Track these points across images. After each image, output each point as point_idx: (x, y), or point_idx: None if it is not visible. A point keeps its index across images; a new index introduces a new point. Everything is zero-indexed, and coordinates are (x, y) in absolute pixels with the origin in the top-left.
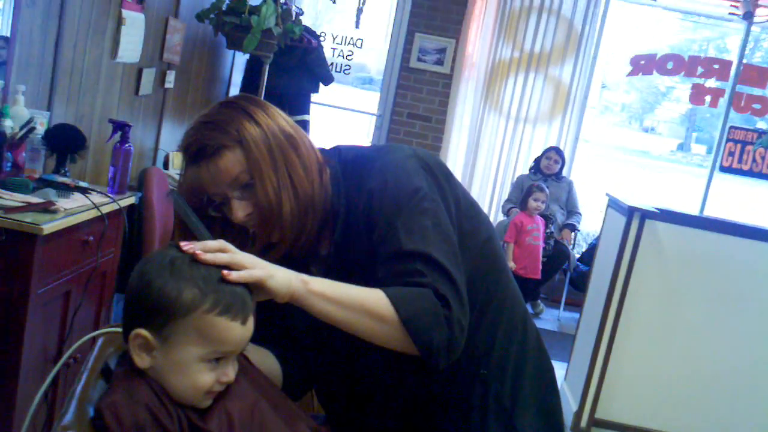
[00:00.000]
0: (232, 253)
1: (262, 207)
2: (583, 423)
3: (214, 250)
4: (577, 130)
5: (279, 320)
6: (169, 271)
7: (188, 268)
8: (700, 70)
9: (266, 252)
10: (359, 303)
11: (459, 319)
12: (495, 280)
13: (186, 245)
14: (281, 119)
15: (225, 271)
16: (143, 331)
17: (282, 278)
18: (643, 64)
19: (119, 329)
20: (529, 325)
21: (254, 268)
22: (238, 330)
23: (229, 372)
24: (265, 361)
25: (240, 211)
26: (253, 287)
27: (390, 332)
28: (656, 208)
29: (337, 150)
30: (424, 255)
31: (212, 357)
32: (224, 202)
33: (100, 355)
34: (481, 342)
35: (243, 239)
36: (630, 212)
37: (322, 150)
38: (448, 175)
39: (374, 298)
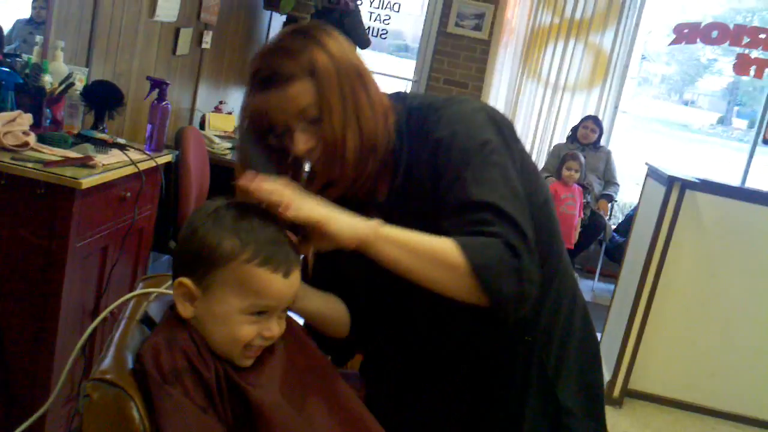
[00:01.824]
0: (293, 192)
1: (326, 142)
2: (616, 393)
3: (271, 188)
4: (616, 100)
5: (338, 276)
6: (212, 220)
7: (231, 218)
8: (745, 39)
9: (324, 190)
10: (429, 250)
11: (529, 270)
12: (549, 244)
13: (246, 178)
14: (353, 54)
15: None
16: (186, 280)
17: (347, 222)
18: (686, 33)
19: (164, 274)
20: (578, 297)
21: (315, 209)
22: (280, 283)
23: (273, 327)
24: (335, 306)
25: (302, 143)
26: (317, 234)
27: (459, 281)
28: (697, 179)
29: (402, 96)
30: (493, 206)
31: (253, 310)
32: (286, 132)
33: (138, 304)
34: (533, 308)
35: (297, 174)
36: (670, 182)
37: (394, 95)
38: (514, 133)
39: (444, 246)
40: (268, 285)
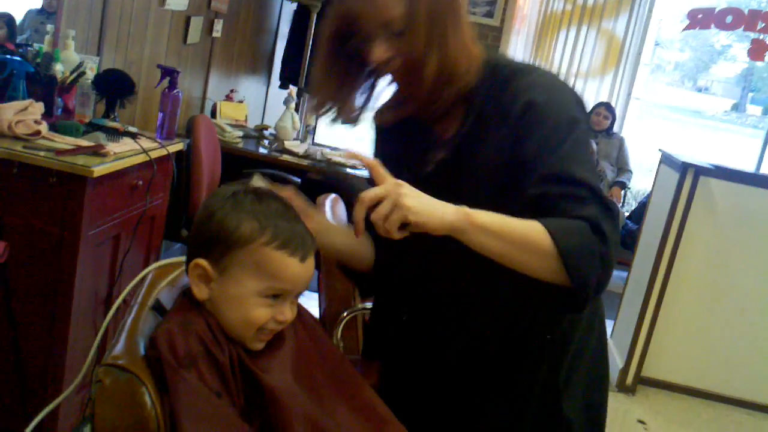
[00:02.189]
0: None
1: (405, 59)
2: (629, 380)
3: (362, 212)
4: (629, 87)
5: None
6: (230, 204)
7: (250, 202)
8: (760, 24)
9: (397, 107)
10: (520, 236)
11: (612, 257)
12: None
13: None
14: None
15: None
16: (202, 261)
17: (433, 212)
18: (700, 18)
19: (174, 260)
20: (600, 314)
21: (407, 209)
22: (296, 267)
23: (286, 312)
24: (360, 243)
25: (381, 52)
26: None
27: (546, 264)
28: (711, 165)
29: (493, 50)
30: (589, 184)
31: (269, 293)
32: (368, 38)
33: (150, 290)
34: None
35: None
36: (684, 168)
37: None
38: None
39: (534, 230)
40: (284, 268)
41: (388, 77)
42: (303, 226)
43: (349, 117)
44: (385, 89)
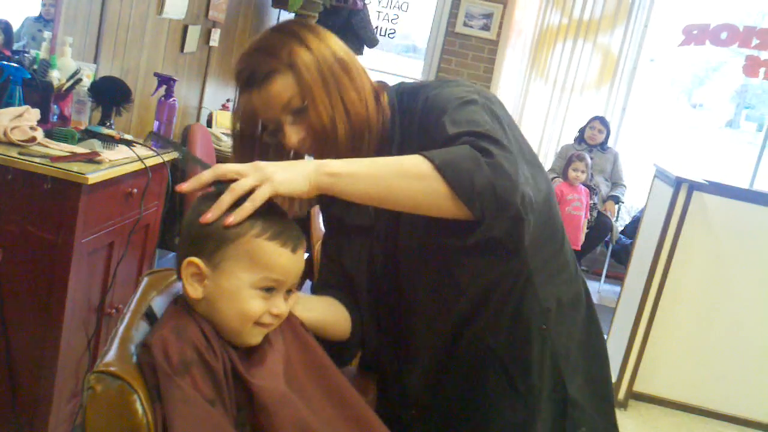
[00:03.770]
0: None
1: (315, 130)
2: (621, 395)
3: (210, 177)
4: (624, 101)
5: (342, 277)
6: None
7: (237, 200)
8: (755, 41)
9: None
10: (391, 167)
11: (503, 164)
12: (552, 235)
13: (180, 186)
14: (333, 42)
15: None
16: (195, 259)
17: (295, 179)
18: (695, 34)
19: (163, 270)
20: (584, 293)
21: (256, 180)
22: (288, 257)
23: (280, 305)
24: (336, 310)
25: (294, 135)
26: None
27: (431, 188)
28: (705, 180)
29: (400, 83)
30: (468, 132)
31: (263, 285)
32: (278, 128)
33: (142, 297)
34: (544, 297)
35: None
36: (677, 183)
37: (383, 82)
38: (511, 121)
39: (408, 159)
40: (277, 258)
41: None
42: (290, 221)
43: None
44: None
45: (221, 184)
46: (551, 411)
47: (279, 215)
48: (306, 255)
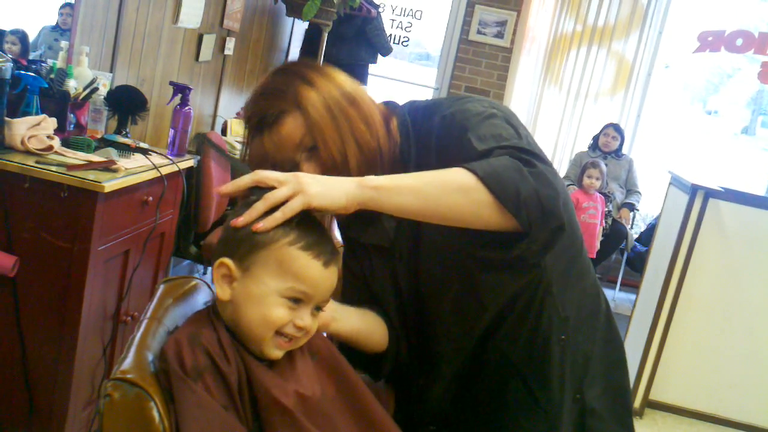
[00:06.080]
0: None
1: (328, 167)
2: (637, 404)
3: (248, 182)
4: (639, 108)
5: (365, 285)
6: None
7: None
8: None
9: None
10: (433, 180)
11: (545, 174)
12: (571, 241)
13: (219, 189)
14: (338, 78)
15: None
16: (227, 260)
17: (333, 193)
18: (710, 41)
19: (179, 278)
20: (602, 299)
21: (291, 190)
22: (319, 270)
23: (306, 318)
24: (373, 320)
25: (311, 171)
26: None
27: (475, 199)
28: (720, 187)
29: (411, 102)
30: (499, 146)
31: (290, 294)
32: (293, 169)
33: (159, 305)
34: (562, 306)
35: None
36: (693, 190)
37: (393, 103)
38: (528, 133)
39: (450, 171)
40: (307, 270)
41: None
42: (328, 235)
43: None
44: None
45: (259, 191)
46: (571, 422)
47: (317, 228)
48: None
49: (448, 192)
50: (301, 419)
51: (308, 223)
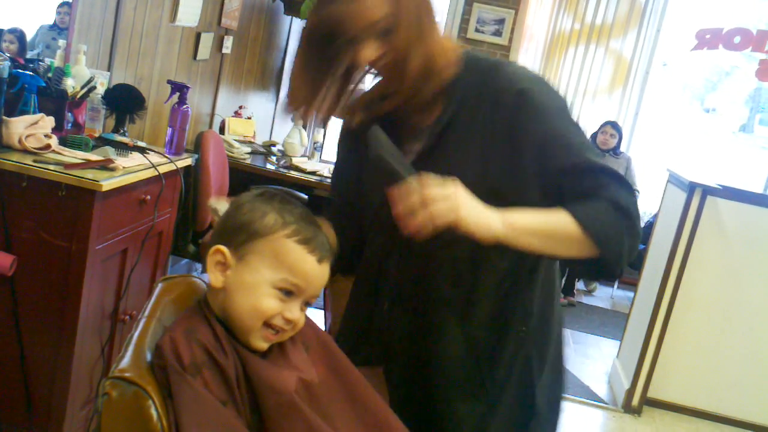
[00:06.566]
0: (431, 199)
1: (387, 60)
2: (635, 401)
3: (417, 202)
4: (637, 106)
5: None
6: (260, 199)
7: (278, 201)
8: None
9: (380, 101)
10: (554, 230)
11: (636, 226)
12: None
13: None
14: None
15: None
16: (222, 247)
17: (481, 223)
18: (708, 39)
19: (177, 276)
20: (557, 292)
21: (449, 207)
22: (313, 265)
23: (295, 311)
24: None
25: (371, 52)
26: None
27: (584, 250)
28: (718, 185)
29: (468, 49)
30: (602, 167)
31: (282, 286)
32: (354, 40)
33: (157, 303)
34: (528, 299)
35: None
36: (691, 188)
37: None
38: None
39: (564, 221)
40: (302, 263)
41: (363, 77)
42: (324, 233)
43: (322, 118)
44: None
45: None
46: (514, 415)
47: (314, 225)
48: None
49: (567, 243)
50: (300, 404)
51: (307, 219)
